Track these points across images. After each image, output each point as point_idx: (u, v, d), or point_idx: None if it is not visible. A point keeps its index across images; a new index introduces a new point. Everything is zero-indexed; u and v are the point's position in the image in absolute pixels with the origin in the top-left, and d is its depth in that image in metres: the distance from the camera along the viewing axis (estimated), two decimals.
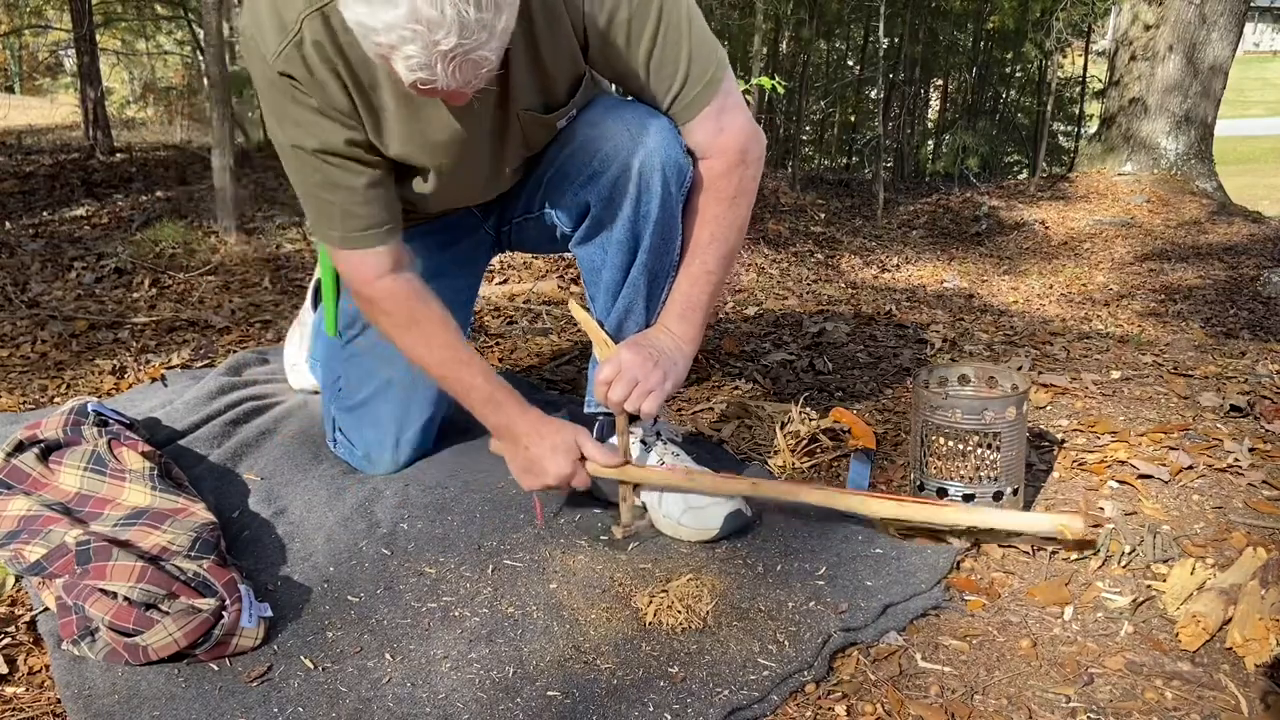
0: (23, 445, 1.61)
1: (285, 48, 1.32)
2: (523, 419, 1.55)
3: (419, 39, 1.10)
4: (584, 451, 1.54)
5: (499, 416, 1.56)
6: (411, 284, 1.54)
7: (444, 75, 1.14)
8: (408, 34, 1.10)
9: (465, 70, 1.15)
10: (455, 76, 1.15)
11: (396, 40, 1.11)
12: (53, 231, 4.27)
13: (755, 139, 1.55)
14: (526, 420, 1.55)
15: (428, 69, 1.14)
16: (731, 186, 1.55)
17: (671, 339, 1.58)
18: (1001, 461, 1.58)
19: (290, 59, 1.33)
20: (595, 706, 1.20)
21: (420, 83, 1.16)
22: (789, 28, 10.64)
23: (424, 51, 1.12)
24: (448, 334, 1.55)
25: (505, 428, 1.56)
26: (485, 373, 1.56)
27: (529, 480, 1.56)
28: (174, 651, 1.24)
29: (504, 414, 1.56)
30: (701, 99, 1.49)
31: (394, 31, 1.10)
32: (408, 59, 1.13)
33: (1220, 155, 8.67)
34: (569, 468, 1.52)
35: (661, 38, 1.43)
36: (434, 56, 1.12)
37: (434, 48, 1.11)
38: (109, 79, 10.66)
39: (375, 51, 1.16)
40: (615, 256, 1.59)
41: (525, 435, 1.54)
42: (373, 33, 1.12)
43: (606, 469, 1.54)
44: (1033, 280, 6.03)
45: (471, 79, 1.18)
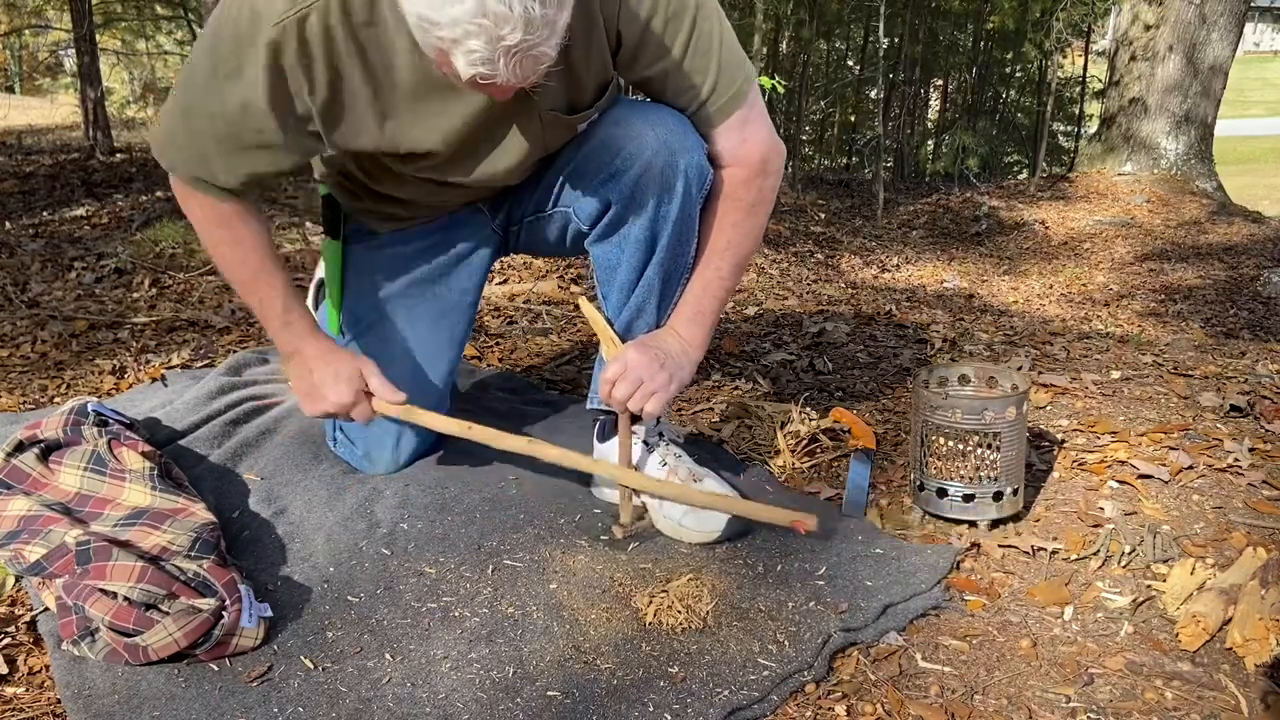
0: (23, 445, 1.61)
1: (289, 18, 1.28)
2: (312, 342, 1.56)
3: (485, 34, 1.10)
4: (369, 384, 1.55)
5: (289, 335, 1.56)
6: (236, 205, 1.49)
7: (505, 70, 1.14)
8: (474, 29, 1.09)
9: (526, 65, 1.15)
10: (516, 71, 1.15)
11: (461, 35, 1.10)
12: (53, 231, 4.27)
13: (777, 151, 1.56)
14: (315, 344, 1.56)
15: (490, 64, 1.13)
16: (751, 195, 1.56)
17: (679, 342, 1.58)
18: (1001, 461, 1.58)
19: (287, 30, 1.29)
20: (595, 706, 1.20)
21: (480, 77, 1.15)
22: (789, 28, 10.64)
23: (488, 46, 1.11)
24: (258, 244, 1.52)
25: (294, 348, 1.57)
26: (286, 290, 1.55)
27: (309, 405, 1.57)
28: (174, 651, 1.24)
29: (295, 334, 1.56)
30: (728, 108, 1.50)
31: (459, 26, 1.10)
32: (470, 54, 1.12)
33: (1220, 155, 8.68)
34: (350, 396, 1.53)
35: (694, 46, 1.44)
36: (498, 52, 1.11)
37: (499, 43, 1.11)
38: (109, 79, 10.66)
39: (434, 46, 1.15)
40: (632, 255, 1.59)
41: (311, 359, 1.55)
42: (435, 27, 1.11)
43: (390, 405, 1.56)
44: (1033, 280, 6.03)
45: (531, 74, 1.18)
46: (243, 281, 1.55)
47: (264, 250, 1.53)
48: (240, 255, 1.53)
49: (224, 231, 1.51)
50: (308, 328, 1.57)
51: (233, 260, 1.54)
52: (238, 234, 1.51)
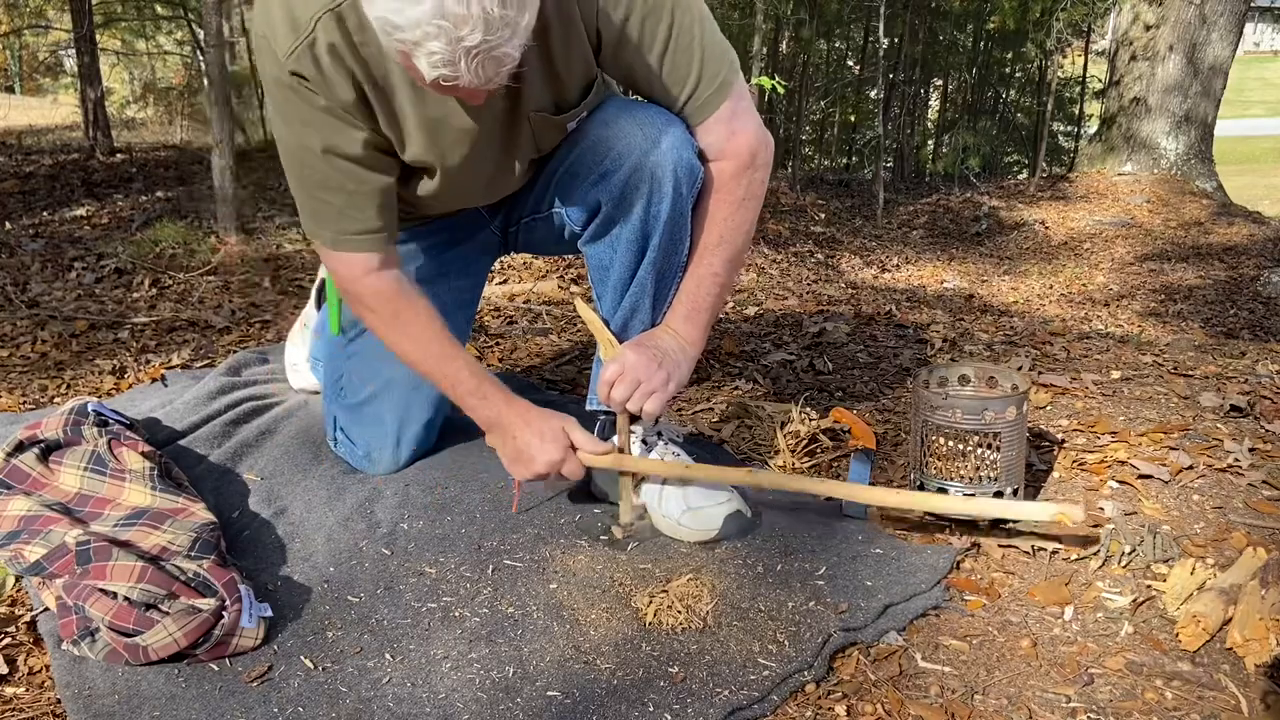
0: (23, 445, 1.61)
1: (298, 47, 1.32)
2: (509, 409, 1.56)
3: (444, 35, 1.10)
4: (573, 440, 1.55)
5: (486, 408, 1.57)
6: (398, 281, 1.54)
7: (467, 72, 1.14)
8: (433, 30, 1.10)
9: (488, 67, 1.16)
10: (478, 73, 1.15)
11: (421, 36, 1.11)
12: (53, 231, 4.27)
13: (765, 143, 1.56)
14: (513, 410, 1.56)
15: (451, 65, 1.14)
16: (741, 189, 1.56)
17: (676, 340, 1.58)
18: (1001, 461, 1.58)
19: (302, 58, 1.32)
20: (595, 706, 1.20)
21: (442, 79, 1.16)
22: (789, 28, 10.63)
23: (448, 48, 1.12)
24: (433, 329, 1.55)
25: (493, 419, 1.57)
26: (471, 366, 1.57)
27: (519, 469, 1.56)
28: (174, 651, 1.24)
29: (491, 405, 1.56)
30: (713, 102, 1.50)
31: (419, 28, 1.10)
32: (431, 55, 1.13)
33: (1220, 155, 8.68)
34: (558, 454, 1.53)
35: (674, 40, 1.43)
36: (458, 53, 1.12)
37: (458, 44, 1.11)
38: (109, 79, 10.66)
39: (397, 49, 1.16)
40: (624, 255, 1.59)
41: (513, 425, 1.55)
42: (396, 30, 1.12)
43: (597, 457, 1.55)
44: (1033, 280, 6.03)
45: (494, 76, 1.18)
46: (430, 371, 1.58)
47: (441, 334, 1.56)
48: (423, 352, 1.56)
49: (402, 326, 1.55)
50: (503, 397, 1.58)
51: (417, 357, 1.57)
52: (414, 328, 1.55)
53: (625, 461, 1.57)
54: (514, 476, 1.58)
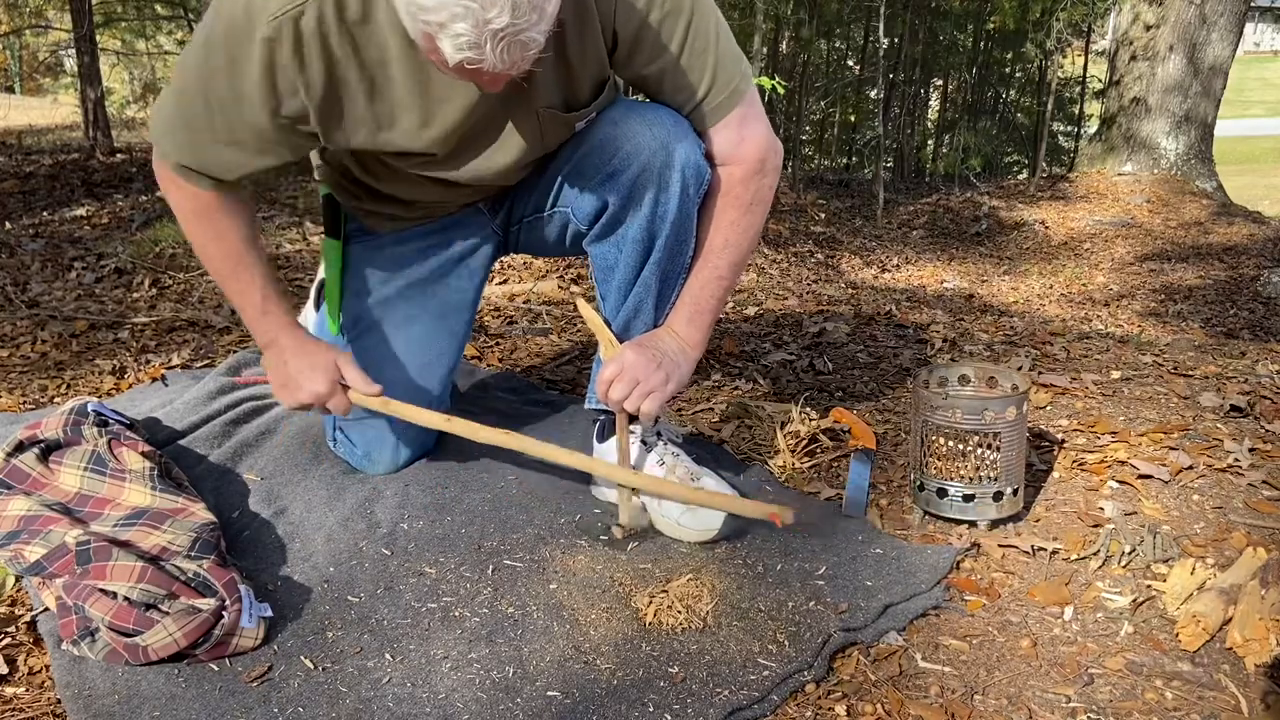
0: (23, 445, 1.61)
1: (282, 15, 1.28)
2: (286, 334, 1.57)
3: (471, 16, 1.10)
4: (344, 375, 1.56)
5: (265, 326, 1.57)
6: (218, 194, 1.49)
7: (492, 55, 1.14)
8: (460, 11, 1.09)
9: (513, 51, 1.15)
10: (503, 57, 1.14)
11: (447, 18, 1.10)
12: (53, 231, 4.27)
13: (774, 149, 1.56)
14: (291, 336, 1.57)
15: (477, 48, 1.13)
16: (749, 194, 1.56)
17: (677, 341, 1.58)
18: (1001, 461, 1.58)
19: (283, 27, 1.29)
20: (595, 706, 1.20)
21: (467, 62, 1.15)
22: (789, 28, 10.64)
23: (474, 30, 1.11)
24: (239, 235, 1.52)
25: (270, 340, 1.57)
26: (265, 282, 1.55)
27: (284, 395, 1.57)
28: (174, 651, 1.24)
29: (270, 325, 1.56)
30: (725, 106, 1.50)
31: (446, 9, 1.09)
32: (456, 38, 1.12)
33: (1220, 155, 8.68)
34: (324, 387, 1.54)
35: (690, 44, 1.44)
36: (484, 35, 1.11)
37: (485, 26, 1.10)
38: (109, 79, 10.66)
39: (421, 30, 1.14)
40: (630, 255, 1.59)
41: (287, 350, 1.56)
42: (422, 10, 1.11)
43: (365, 397, 1.56)
44: (1033, 280, 6.03)
45: (518, 60, 1.17)
46: (222, 272, 1.55)
47: (245, 241, 1.53)
48: (221, 247, 1.53)
49: (204, 222, 1.51)
50: (285, 320, 1.57)
51: (213, 252, 1.54)
52: (218, 225, 1.51)
53: (392, 406, 1.58)
54: (280, 402, 1.58)
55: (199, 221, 1.51)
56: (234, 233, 1.52)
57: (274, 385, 1.59)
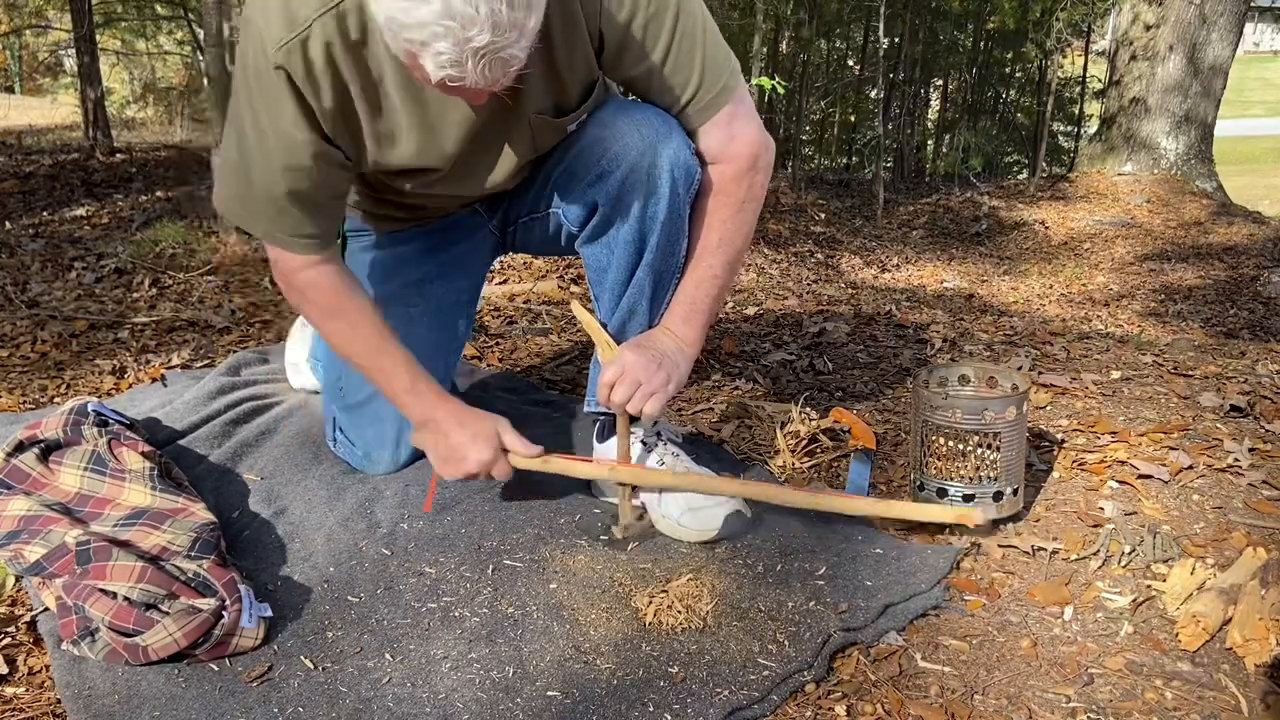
0: (23, 445, 1.61)
1: (289, 42, 1.30)
2: (443, 407, 1.57)
3: (451, 35, 1.10)
4: (504, 441, 1.56)
5: (420, 405, 1.57)
6: (338, 275, 1.53)
7: (474, 73, 1.15)
8: (440, 30, 1.10)
9: (495, 68, 1.16)
10: (485, 74, 1.16)
11: (429, 36, 1.11)
12: (53, 231, 4.27)
13: (766, 147, 1.56)
14: (446, 409, 1.57)
15: (458, 66, 1.14)
16: (741, 192, 1.56)
17: (674, 341, 1.58)
18: (1001, 461, 1.58)
19: (292, 54, 1.31)
20: (595, 706, 1.20)
21: (449, 80, 1.16)
22: (789, 28, 10.63)
23: (456, 48, 1.12)
24: (371, 323, 1.54)
25: (427, 416, 1.57)
26: (407, 362, 1.56)
27: (449, 469, 1.57)
28: (174, 651, 1.24)
29: (425, 402, 1.57)
30: (714, 105, 1.50)
31: (427, 28, 1.10)
32: (438, 56, 1.13)
33: (1220, 155, 8.68)
34: (490, 455, 1.54)
35: (677, 44, 1.43)
36: (465, 54, 1.12)
37: (466, 44, 1.11)
38: (109, 79, 10.66)
39: (404, 49, 1.16)
40: (621, 256, 1.59)
41: (445, 423, 1.55)
42: (404, 29, 1.12)
43: (526, 460, 1.56)
44: (1033, 280, 6.03)
45: (500, 77, 1.18)
46: (365, 362, 1.57)
47: (379, 327, 1.55)
48: (360, 338, 1.55)
49: (340, 320, 1.54)
50: (437, 394, 1.58)
51: (352, 345, 1.56)
52: (351, 318, 1.54)
53: (552, 464, 1.58)
54: (443, 475, 1.58)
55: (333, 321, 1.55)
56: (367, 324, 1.54)
57: (436, 460, 1.58)
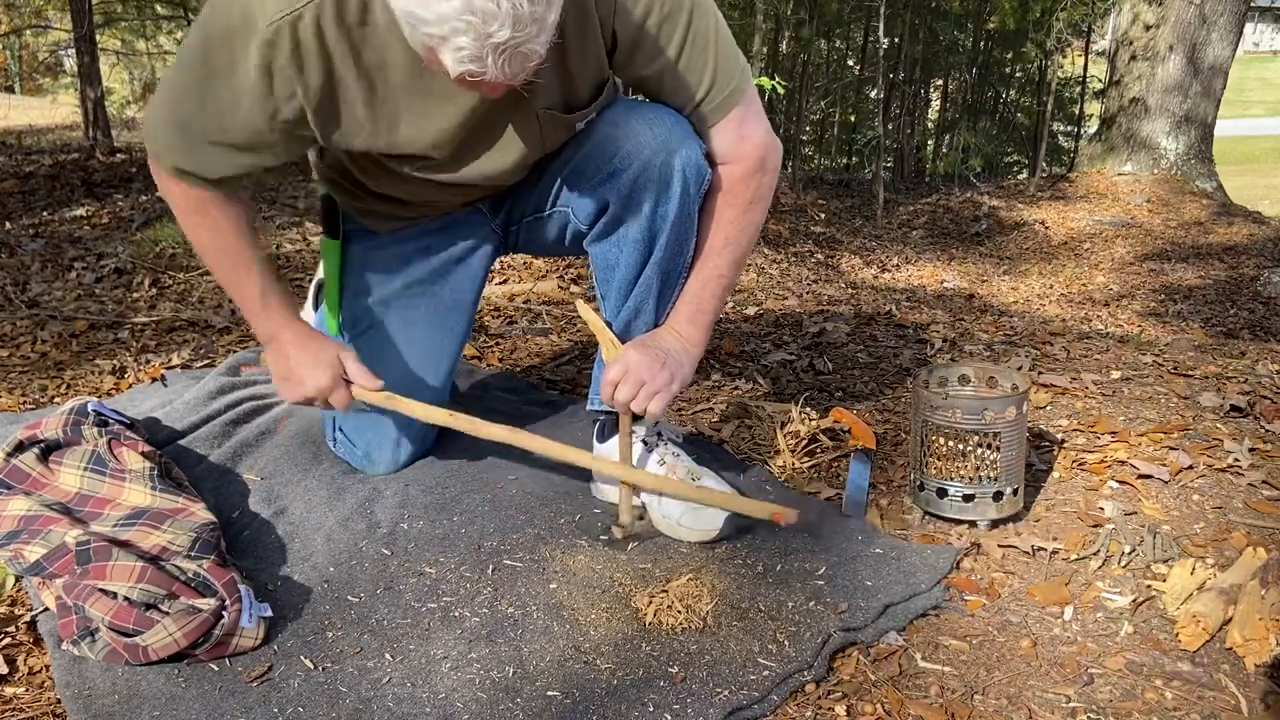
0: (23, 445, 1.61)
1: (281, 19, 1.28)
2: (289, 328, 1.56)
3: (472, 30, 1.10)
4: (346, 370, 1.55)
5: (267, 321, 1.56)
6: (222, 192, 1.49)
7: (494, 67, 1.14)
8: (461, 25, 1.10)
9: (515, 63, 1.16)
10: (505, 69, 1.15)
11: (449, 32, 1.11)
12: (53, 231, 4.27)
13: (774, 148, 1.56)
14: (292, 330, 1.56)
15: (478, 61, 1.13)
16: (749, 192, 1.56)
17: (679, 340, 1.58)
18: (1001, 461, 1.58)
19: (282, 31, 1.29)
20: (595, 706, 1.20)
21: (469, 74, 1.16)
22: (789, 28, 10.63)
23: (476, 43, 1.11)
24: (236, 230, 1.52)
25: (271, 335, 1.57)
26: (264, 277, 1.55)
27: (287, 389, 1.57)
28: (174, 651, 1.24)
29: (271, 320, 1.56)
30: (725, 106, 1.50)
31: (447, 23, 1.10)
32: (458, 51, 1.12)
33: (1220, 155, 8.68)
34: (327, 381, 1.54)
35: (690, 44, 1.44)
36: (486, 49, 1.12)
37: (487, 40, 1.11)
38: (109, 79, 10.66)
39: (423, 43, 1.15)
40: (630, 255, 1.59)
41: (289, 344, 1.55)
42: (423, 23, 1.12)
43: (369, 392, 1.56)
44: (1033, 280, 6.03)
45: (520, 72, 1.18)
46: (220, 267, 1.55)
47: (242, 236, 1.53)
48: (218, 242, 1.53)
49: (201, 218, 1.51)
50: (286, 313, 1.57)
51: (210, 246, 1.54)
52: (215, 220, 1.51)
53: (395, 401, 1.58)
54: (281, 396, 1.58)
55: (195, 217, 1.51)
56: (231, 228, 1.51)
57: (276, 379, 1.59)
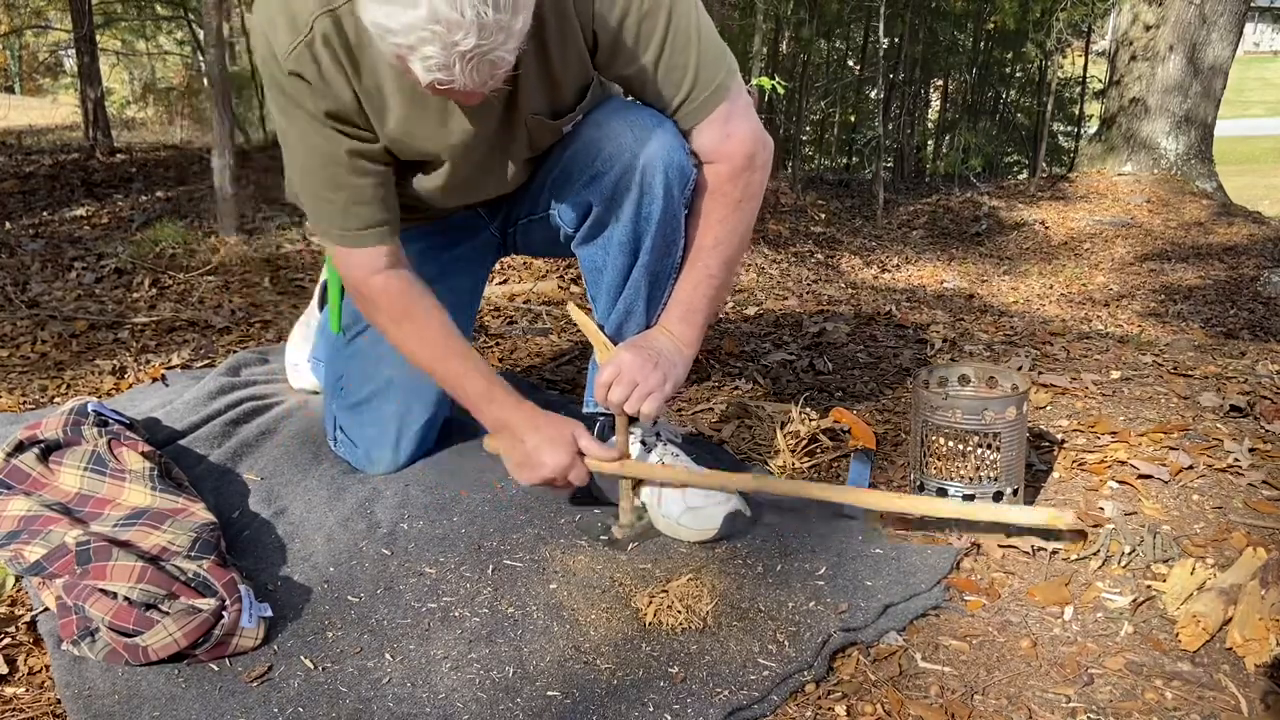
0: (23, 445, 1.61)
1: (297, 47, 1.33)
2: (518, 412, 1.55)
3: (438, 40, 1.11)
4: (580, 446, 1.54)
5: (495, 411, 1.56)
6: (407, 280, 1.55)
7: (462, 75, 1.15)
8: (427, 35, 1.11)
9: (483, 71, 1.17)
10: (473, 77, 1.16)
11: (415, 41, 1.12)
12: (53, 231, 4.27)
13: (763, 144, 1.55)
14: (522, 414, 1.55)
15: (446, 69, 1.15)
16: (737, 191, 1.55)
17: (671, 341, 1.58)
18: (1001, 461, 1.58)
19: (301, 58, 1.33)
20: (595, 706, 1.20)
21: (438, 83, 1.17)
22: (789, 28, 10.63)
23: (443, 52, 1.12)
24: (442, 329, 1.55)
25: (501, 422, 1.56)
26: (480, 368, 1.56)
27: (526, 474, 1.55)
28: (174, 652, 1.24)
29: (500, 408, 1.56)
30: (709, 104, 1.49)
31: (413, 33, 1.11)
32: (426, 59, 1.14)
33: (1220, 155, 8.68)
34: (567, 460, 1.52)
35: (670, 42, 1.43)
36: (453, 57, 1.13)
37: (453, 48, 1.12)
38: (109, 79, 10.66)
39: (393, 52, 1.16)
40: (617, 258, 1.59)
41: (521, 428, 1.54)
42: (390, 34, 1.13)
43: (605, 464, 1.55)
44: (1033, 280, 6.03)
45: (488, 79, 1.19)
46: (438, 371, 1.57)
47: (450, 333, 1.55)
48: (431, 352, 1.55)
49: (410, 325, 1.54)
50: (511, 398, 1.57)
51: (425, 356, 1.56)
52: (420, 324, 1.54)
53: (630, 468, 1.57)
54: (519, 481, 1.57)
55: (404, 327, 1.55)
56: (438, 329, 1.54)
57: (512, 465, 1.57)
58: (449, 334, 1.55)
